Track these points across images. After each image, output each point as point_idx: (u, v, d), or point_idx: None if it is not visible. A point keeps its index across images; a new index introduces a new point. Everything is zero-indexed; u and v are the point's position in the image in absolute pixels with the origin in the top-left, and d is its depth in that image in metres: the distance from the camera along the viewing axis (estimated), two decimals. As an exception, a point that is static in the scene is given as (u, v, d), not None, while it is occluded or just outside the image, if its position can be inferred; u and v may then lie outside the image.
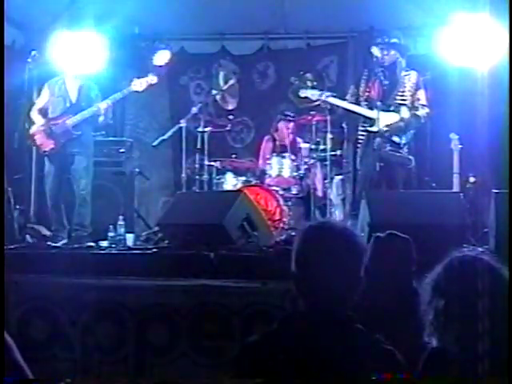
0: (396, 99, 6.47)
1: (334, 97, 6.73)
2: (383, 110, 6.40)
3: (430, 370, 2.21)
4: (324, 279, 2.11)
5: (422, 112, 6.47)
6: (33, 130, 6.58)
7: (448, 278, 2.19)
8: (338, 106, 6.77)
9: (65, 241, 6.37)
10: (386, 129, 6.37)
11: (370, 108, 6.44)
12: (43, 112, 6.68)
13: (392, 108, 6.45)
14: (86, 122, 6.63)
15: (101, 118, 6.67)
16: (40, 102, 6.71)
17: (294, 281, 2.18)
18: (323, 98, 6.72)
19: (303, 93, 6.88)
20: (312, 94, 6.82)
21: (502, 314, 2.11)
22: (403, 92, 6.49)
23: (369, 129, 6.44)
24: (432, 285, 2.21)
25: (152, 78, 6.88)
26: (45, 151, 6.63)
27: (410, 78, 6.50)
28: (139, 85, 6.81)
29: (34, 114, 6.64)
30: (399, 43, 6.49)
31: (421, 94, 6.49)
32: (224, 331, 4.47)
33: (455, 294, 2.15)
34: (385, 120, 6.39)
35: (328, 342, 2.08)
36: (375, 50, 6.47)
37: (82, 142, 6.65)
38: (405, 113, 6.42)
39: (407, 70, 6.53)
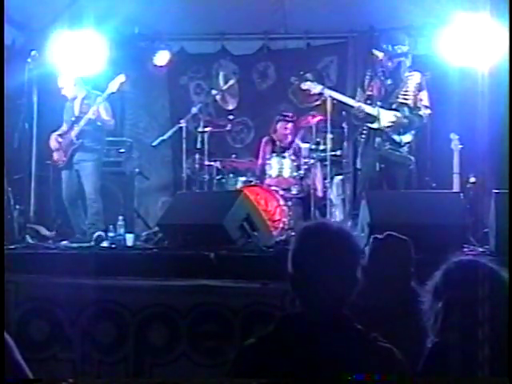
0: (398, 98, 6.46)
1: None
2: (385, 108, 6.40)
3: (431, 368, 2.21)
4: (320, 279, 2.11)
5: (424, 113, 6.46)
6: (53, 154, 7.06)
7: (446, 282, 2.20)
8: (338, 101, 6.75)
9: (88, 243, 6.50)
10: (388, 125, 6.37)
11: (372, 106, 6.44)
12: (59, 136, 7.06)
13: (394, 107, 6.45)
14: (89, 130, 6.90)
15: (98, 123, 6.95)
16: (58, 132, 7.09)
17: (290, 281, 2.18)
18: (324, 91, 6.73)
19: (305, 85, 6.89)
20: (314, 86, 6.82)
21: (502, 315, 2.12)
22: (406, 92, 6.48)
23: (370, 125, 6.43)
24: (432, 291, 2.22)
25: (121, 77, 6.97)
26: (60, 165, 7.02)
27: (413, 79, 6.49)
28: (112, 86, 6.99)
29: (52, 142, 7.04)
30: (406, 52, 6.45)
31: (423, 95, 6.47)
32: (224, 331, 4.46)
33: (454, 298, 2.17)
34: (387, 118, 6.39)
35: (326, 342, 2.08)
36: (375, 51, 6.47)
37: (85, 148, 6.94)
38: (407, 112, 6.42)
39: (411, 71, 6.52)
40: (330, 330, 2.10)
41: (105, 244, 6.23)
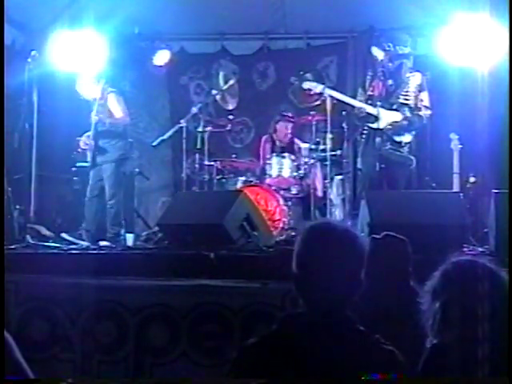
0: (399, 99, 6.46)
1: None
2: (386, 108, 6.40)
3: (430, 369, 2.21)
4: (324, 280, 2.11)
5: (424, 113, 6.45)
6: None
7: (444, 283, 2.21)
8: (339, 101, 6.75)
9: (106, 243, 6.56)
10: (389, 127, 6.37)
11: (373, 106, 6.43)
12: (87, 137, 7.12)
13: (395, 107, 6.44)
14: (103, 131, 6.97)
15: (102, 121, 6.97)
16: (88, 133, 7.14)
17: (294, 281, 2.17)
18: (326, 91, 6.73)
19: (306, 84, 6.89)
20: (315, 85, 6.82)
21: (501, 315, 2.12)
22: (407, 92, 6.47)
23: (370, 125, 6.43)
24: (431, 291, 2.23)
25: (101, 83, 7.02)
26: (89, 166, 7.14)
27: (414, 79, 6.48)
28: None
29: (81, 143, 7.13)
30: (407, 53, 6.45)
31: (424, 96, 6.47)
32: (224, 331, 4.46)
33: (452, 298, 2.17)
34: (388, 118, 6.39)
35: (328, 343, 2.08)
36: (375, 51, 6.47)
37: (102, 150, 7.01)
38: (408, 112, 6.42)
39: (412, 71, 6.51)
40: (332, 331, 2.09)
41: (105, 244, 6.25)
